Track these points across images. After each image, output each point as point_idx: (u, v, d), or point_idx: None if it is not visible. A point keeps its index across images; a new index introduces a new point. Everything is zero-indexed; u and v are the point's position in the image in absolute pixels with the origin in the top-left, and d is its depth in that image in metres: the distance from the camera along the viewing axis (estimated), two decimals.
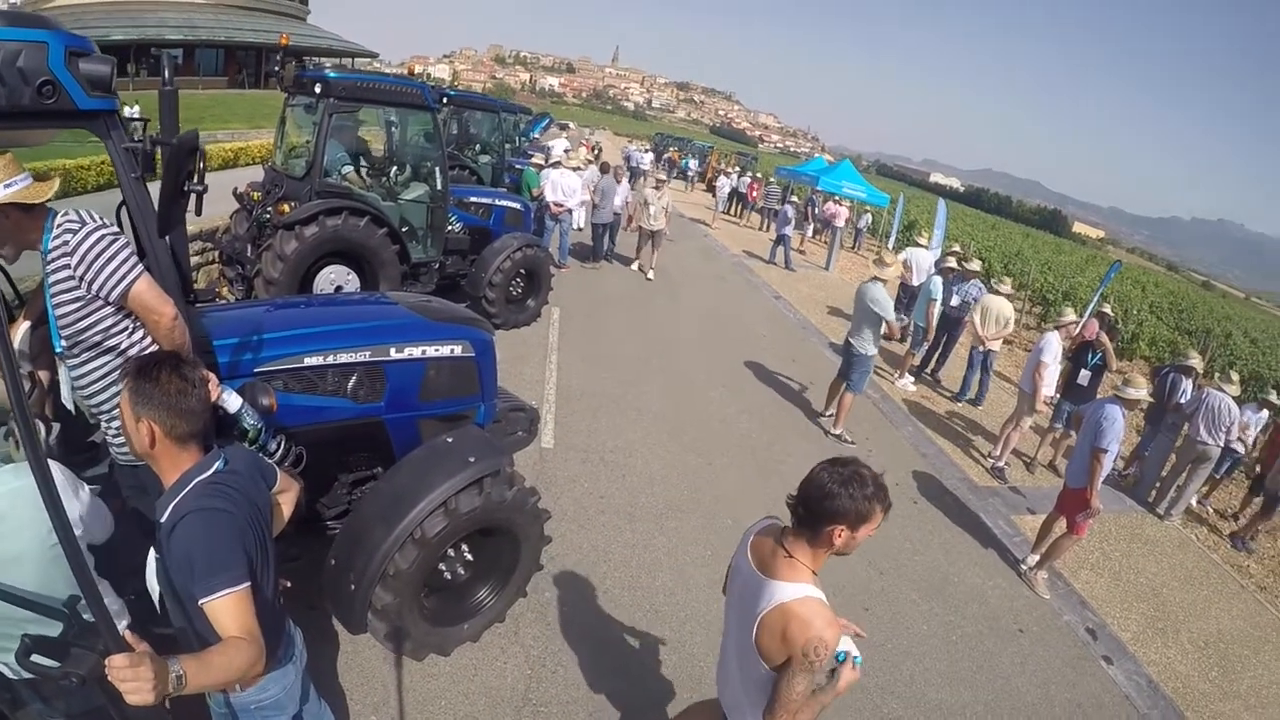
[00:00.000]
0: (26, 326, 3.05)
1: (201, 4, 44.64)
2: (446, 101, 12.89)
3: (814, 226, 24.93)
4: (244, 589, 1.94)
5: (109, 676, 1.54)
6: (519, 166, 15.19)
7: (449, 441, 3.88)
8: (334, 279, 7.98)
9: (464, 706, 3.85)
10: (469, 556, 4.05)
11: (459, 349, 4.22)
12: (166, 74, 2.47)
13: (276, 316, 4.05)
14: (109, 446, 2.93)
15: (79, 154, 11.82)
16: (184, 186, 2.46)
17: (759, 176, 33.15)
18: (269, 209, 7.70)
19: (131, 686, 1.53)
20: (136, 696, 1.53)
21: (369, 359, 3.84)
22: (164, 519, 2.00)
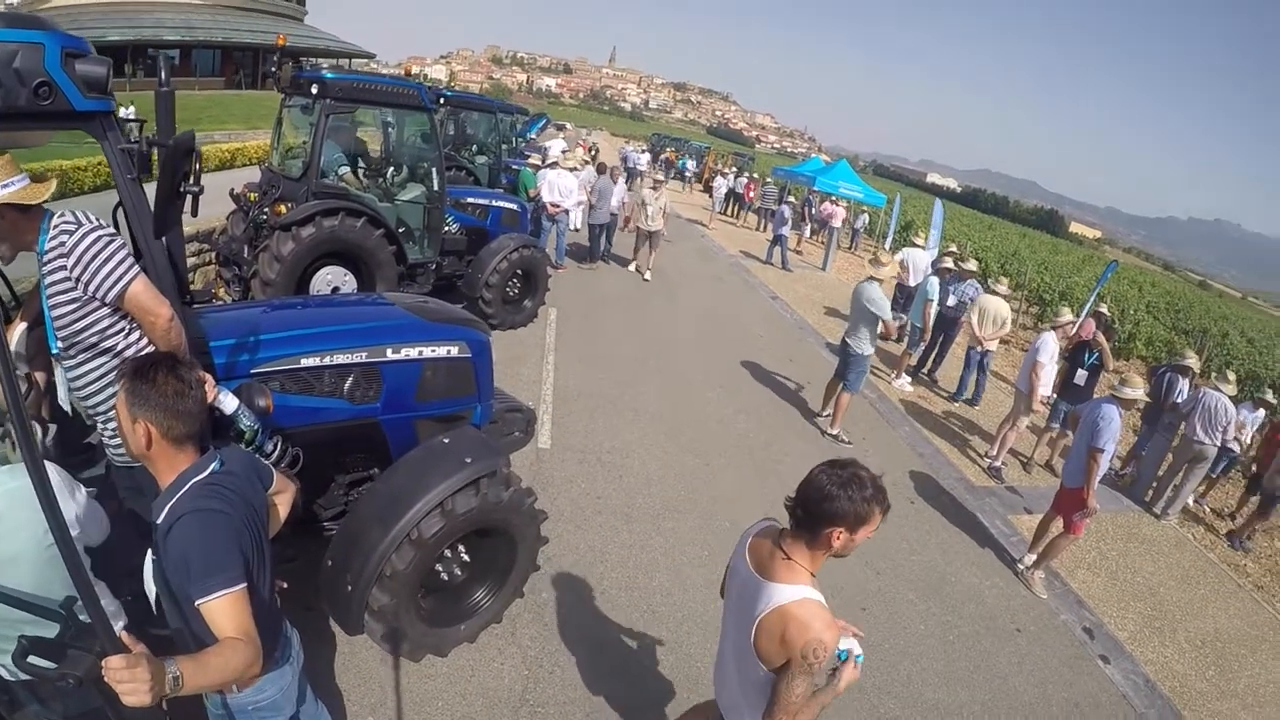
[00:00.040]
0: (23, 328, 3.05)
1: (199, 5, 44.53)
2: (443, 102, 12.87)
3: (811, 227, 24.94)
4: (240, 590, 1.94)
5: (106, 678, 1.54)
6: (516, 167, 15.17)
7: (445, 442, 3.87)
8: (331, 280, 7.97)
9: (461, 707, 3.85)
10: (466, 557, 4.04)
11: (455, 350, 4.22)
12: (163, 75, 2.47)
13: (273, 317, 4.05)
14: (105, 448, 2.93)
15: (76, 155, 11.78)
16: (180, 188, 2.46)
17: (756, 177, 33.17)
18: (266, 210, 7.69)
19: (128, 688, 1.53)
20: (133, 698, 1.53)
21: (365, 360, 3.84)
22: (160, 520, 2.00)
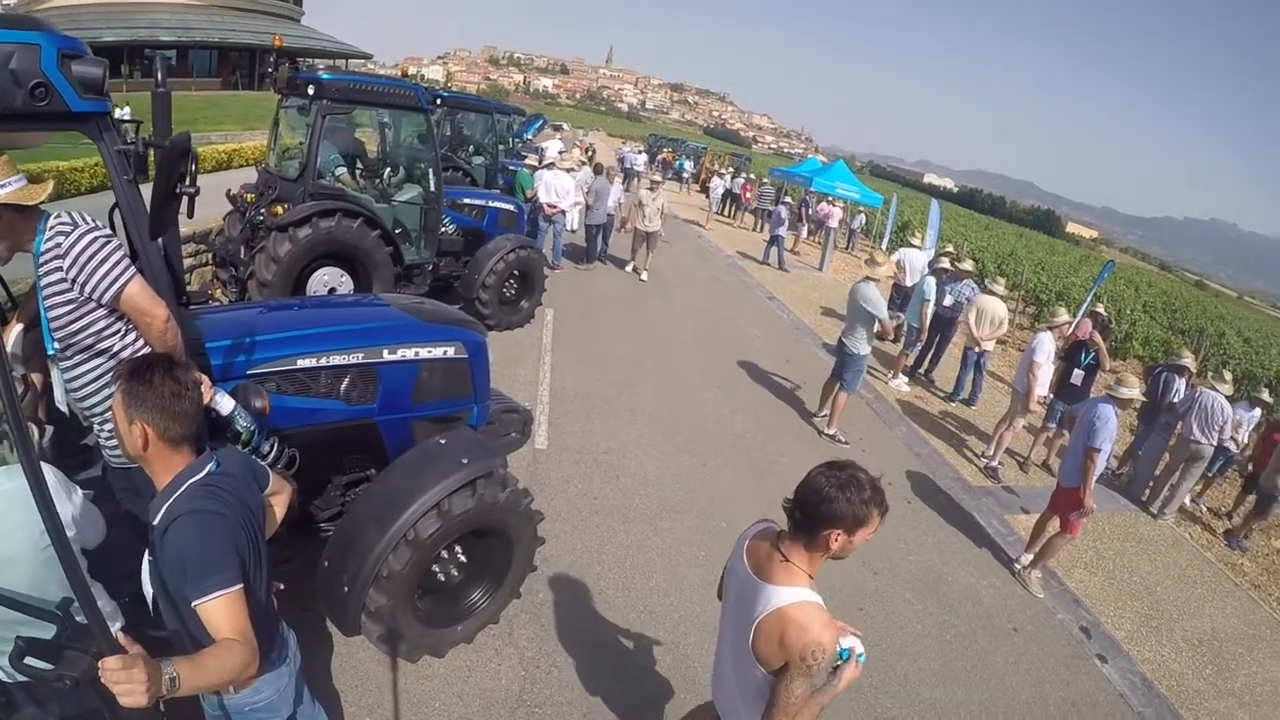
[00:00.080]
0: (19, 329, 3.05)
1: (195, 5, 44.49)
2: (440, 103, 12.87)
3: (808, 227, 24.95)
4: (237, 591, 1.94)
5: (102, 679, 1.54)
6: (512, 168, 15.17)
7: (442, 443, 3.87)
8: (327, 281, 7.96)
9: (458, 708, 3.85)
10: (462, 558, 4.04)
11: (452, 350, 4.22)
12: (159, 76, 2.48)
13: (269, 318, 4.04)
14: (102, 449, 2.93)
15: (72, 156, 11.78)
16: (176, 189, 2.46)
17: (752, 178, 33.19)
18: (262, 211, 7.69)
19: (125, 689, 1.53)
20: (130, 699, 1.53)
21: (362, 361, 3.84)
22: (157, 521, 2.01)
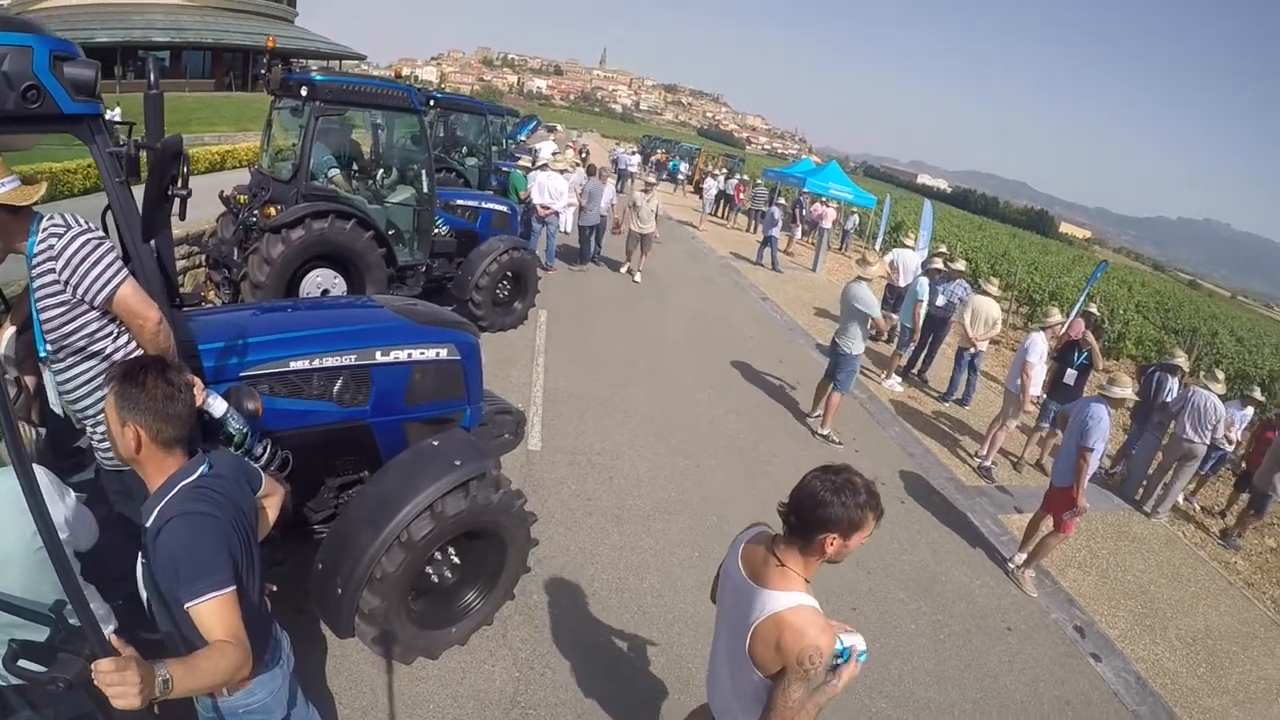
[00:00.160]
0: (12, 331, 3.05)
1: (189, 6, 44.40)
2: (433, 104, 12.86)
3: (801, 228, 24.97)
4: (229, 593, 1.94)
5: (95, 681, 1.54)
6: (506, 169, 15.17)
7: (435, 445, 3.87)
8: (320, 282, 7.95)
9: (452, 709, 3.85)
10: (456, 560, 4.03)
11: (444, 352, 4.22)
12: (151, 77, 2.47)
13: (262, 320, 4.05)
14: (95, 451, 2.92)
15: (65, 158, 11.76)
16: (168, 191, 2.46)
17: (746, 178, 33.19)
18: (255, 212, 7.68)
19: (118, 691, 1.53)
20: (123, 701, 1.53)
21: (354, 362, 3.84)
22: (149, 523, 2.01)
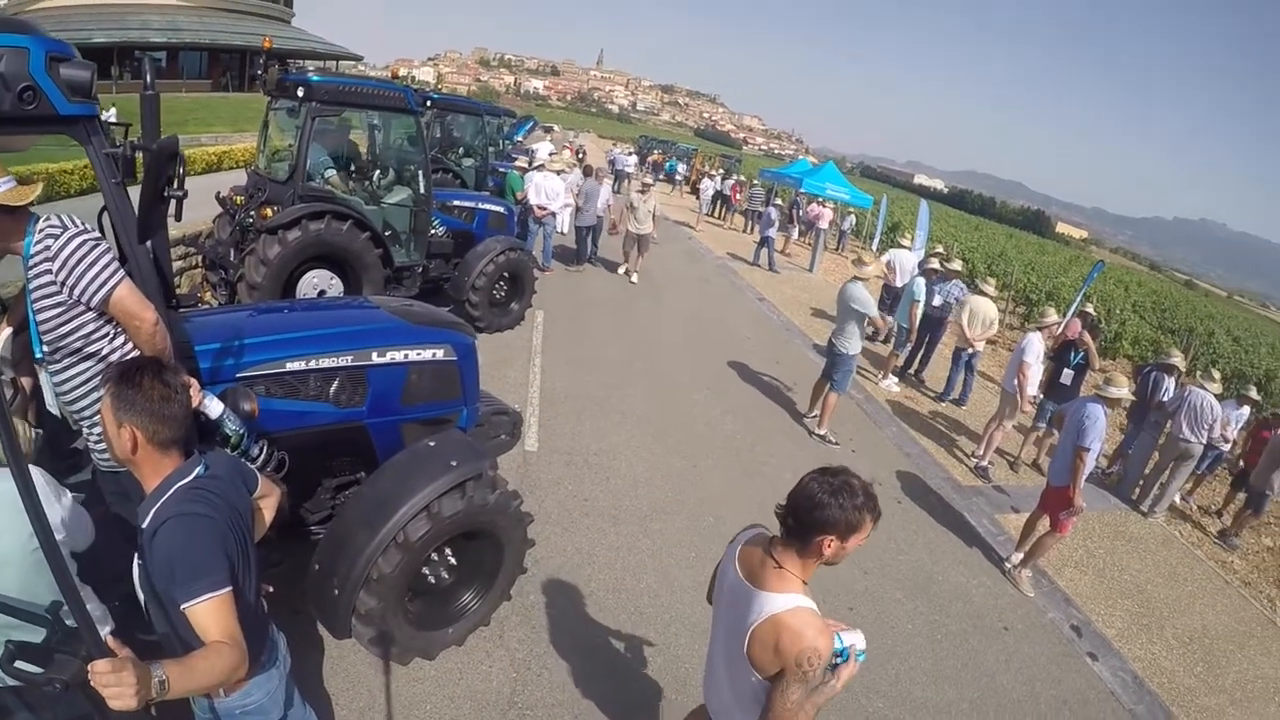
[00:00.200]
0: (8, 332, 3.04)
1: (185, 6, 44.27)
2: (430, 105, 12.86)
3: (798, 229, 24.97)
4: (225, 593, 1.94)
5: (92, 682, 1.55)
6: (502, 170, 15.15)
7: (431, 445, 3.87)
8: (317, 283, 7.94)
9: (449, 710, 3.85)
10: (453, 560, 4.04)
11: (441, 353, 4.23)
12: (147, 78, 2.46)
13: (259, 321, 4.05)
14: (91, 453, 2.92)
15: (62, 158, 11.72)
16: (164, 192, 2.46)
17: (742, 179, 33.19)
18: (252, 213, 7.67)
19: (114, 692, 1.53)
20: (119, 702, 1.53)
21: (351, 363, 3.84)
22: (145, 524, 2.01)
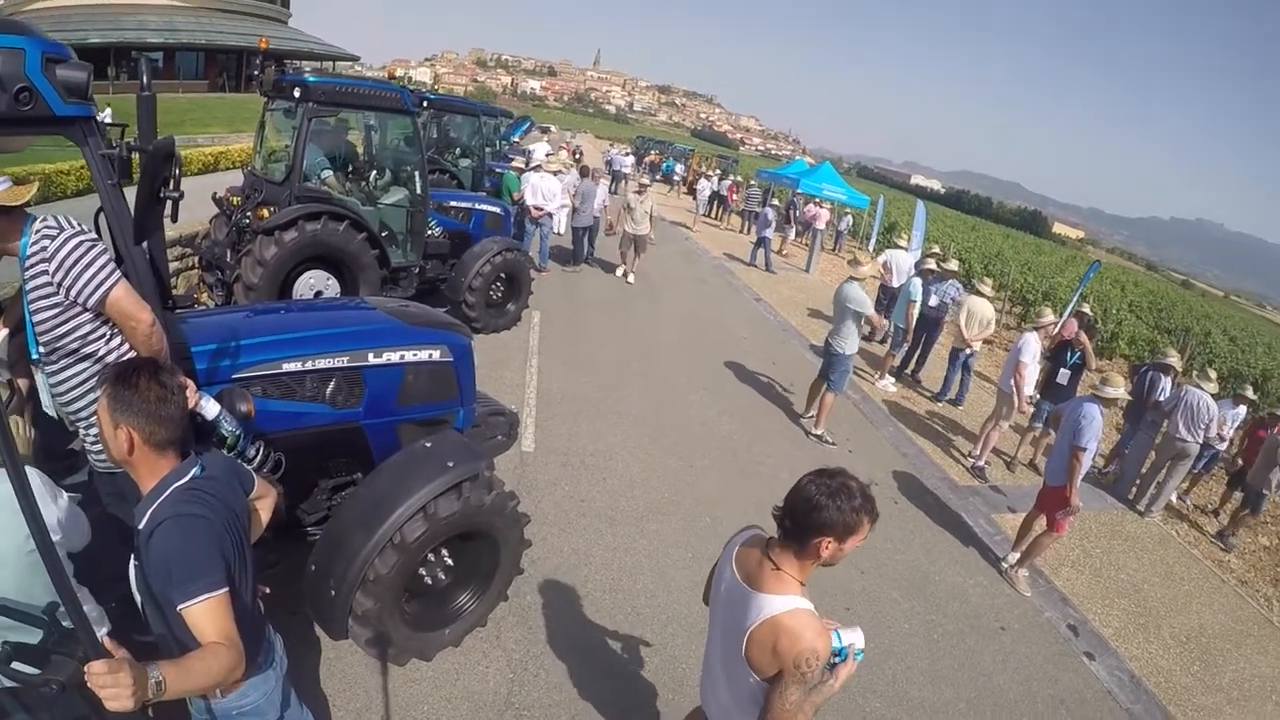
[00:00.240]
0: (4, 333, 3.05)
1: (182, 7, 44.19)
2: (426, 105, 12.84)
3: (795, 229, 24.97)
4: (222, 594, 1.94)
5: (88, 683, 1.55)
6: (499, 170, 15.15)
7: (428, 446, 3.87)
8: (314, 284, 7.94)
9: (446, 711, 3.85)
10: (449, 561, 4.04)
11: (437, 354, 4.23)
12: (144, 79, 2.47)
13: (255, 322, 4.05)
14: (88, 453, 2.91)
15: (58, 159, 11.70)
16: (160, 193, 2.46)
17: (739, 179, 33.20)
18: (248, 214, 7.65)
19: (111, 693, 1.53)
20: (116, 703, 1.53)
21: (347, 364, 3.84)
22: (142, 525, 2.00)
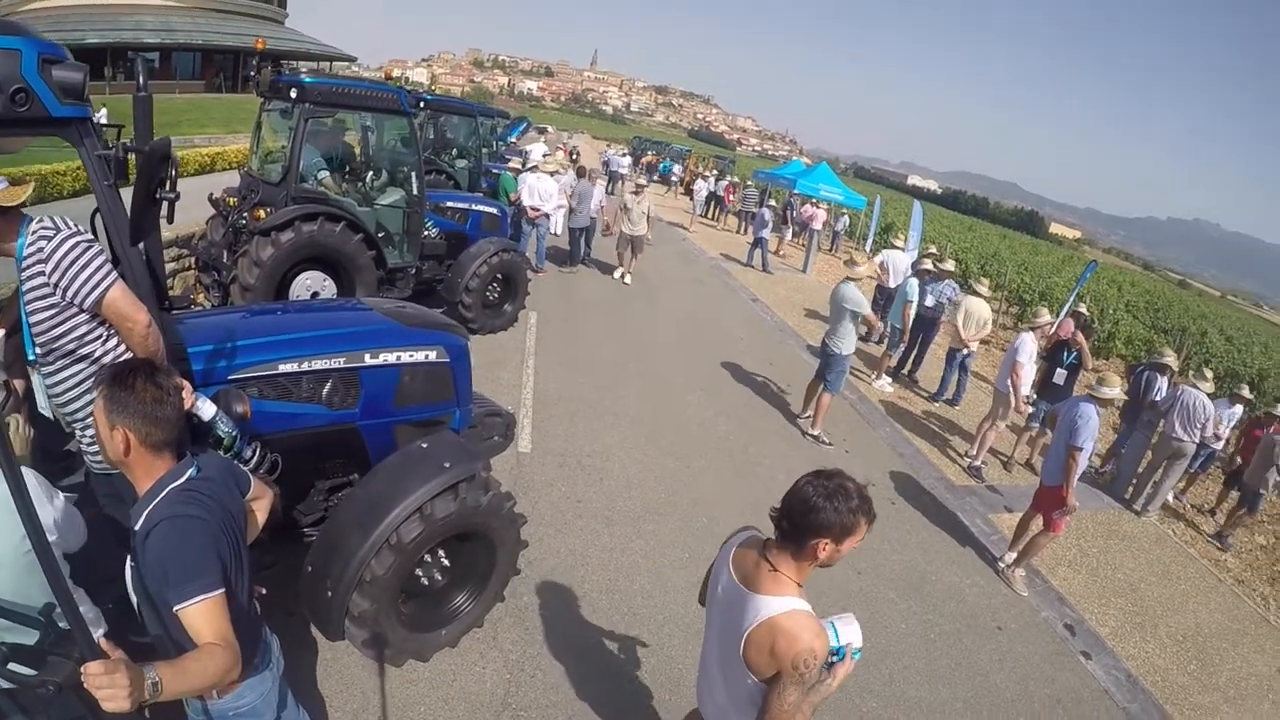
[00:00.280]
0: (1, 335, 3.04)
1: (179, 7, 44.17)
2: (423, 106, 12.83)
3: (792, 230, 24.98)
4: (218, 595, 1.94)
5: (85, 684, 1.55)
6: (496, 171, 15.15)
7: (424, 447, 3.87)
8: (310, 285, 7.93)
9: (443, 712, 3.85)
10: (446, 562, 4.04)
11: (433, 354, 4.23)
12: (140, 79, 2.47)
13: (251, 323, 4.05)
14: (84, 455, 2.92)
15: (54, 160, 11.69)
16: (157, 193, 2.46)
17: (736, 180, 33.21)
18: (245, 214, 7.64)
19: (107, 694, 1.53)
20: (112, 704, 1.54)
21: (344, 365, 3.84)
22: (138, 526, 2.00)
